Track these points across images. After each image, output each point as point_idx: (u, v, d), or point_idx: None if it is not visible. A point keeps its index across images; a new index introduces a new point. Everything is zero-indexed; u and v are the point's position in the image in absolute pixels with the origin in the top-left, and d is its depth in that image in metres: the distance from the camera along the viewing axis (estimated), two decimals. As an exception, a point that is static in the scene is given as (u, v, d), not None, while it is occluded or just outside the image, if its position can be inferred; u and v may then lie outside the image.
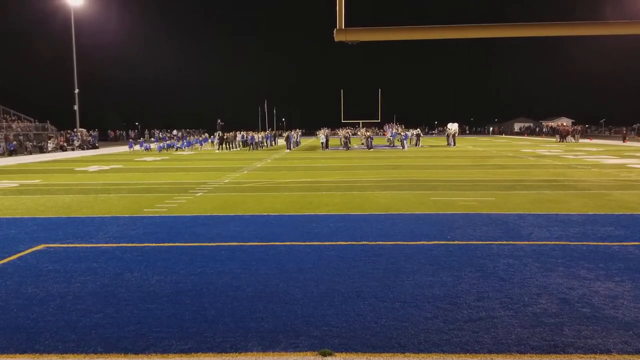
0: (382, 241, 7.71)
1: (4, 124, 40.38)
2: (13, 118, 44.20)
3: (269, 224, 9.15)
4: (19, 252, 7.32)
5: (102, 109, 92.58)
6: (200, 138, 46.73)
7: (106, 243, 7.82)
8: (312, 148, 40.05)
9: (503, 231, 8.33)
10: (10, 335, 4.47)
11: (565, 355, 3.99)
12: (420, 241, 7.69)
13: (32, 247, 7.56)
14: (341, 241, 7.73)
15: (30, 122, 44.88)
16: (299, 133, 50.27)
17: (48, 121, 45.27)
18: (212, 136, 49.84)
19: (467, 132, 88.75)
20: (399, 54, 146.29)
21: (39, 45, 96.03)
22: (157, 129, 71.86)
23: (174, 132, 69.63)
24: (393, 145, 41.59)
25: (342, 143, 39.05)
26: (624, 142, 43.60)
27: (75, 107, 46.60)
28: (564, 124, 67.17)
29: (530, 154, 29.07)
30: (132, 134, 67.02)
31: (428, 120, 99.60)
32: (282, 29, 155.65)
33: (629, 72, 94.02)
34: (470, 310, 4.92)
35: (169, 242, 7.82)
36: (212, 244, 7.71)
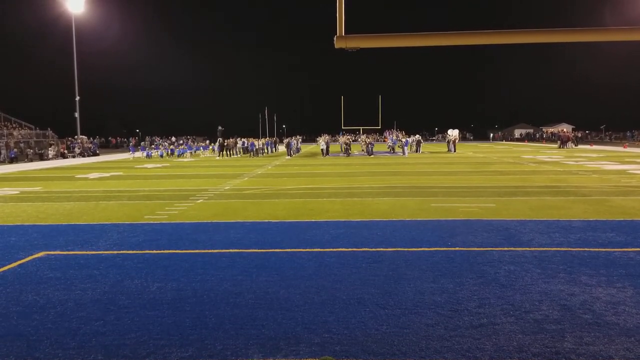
0: (383, 248, 7.70)
1: (5, 132, 40.46)
2: (14, 125, 44.31)
3: (269, 230, 9.15)
4: (20, 259, 7.32)
5: (103, 116, 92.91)
6: (203, 145, 46.80)
7: (107, 250, 7.82)
8: (313, 154, 40.09)
9: (504, 237, 8.32)
10: (11, 343, 4.46)
11: (567, 362, 3.97)
12: (421, 247, 7.68)
13: (32, 255, 7.56)
14: (342, 248, 7.73)
15: (31, 129, 44.96)
16: (299, 140, 50.32)
17: (49, 128, 45.39)
18: (212, 144, 49.91)
19: (471, 137, 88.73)
20: (399, 60, 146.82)
21: (40, 53, 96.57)
22: (158, 136, 72.01)
23: (173, 139, 69.77)
24: (394, 152, 41.63)
25: (343, 149, 39.07)
26: None
27: (76, 115, 46.72)
28: (565, 130, 67.09)
29: (530, 160, 29.08)
30: (132, 140, 67.15)
31: (428, 126, 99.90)
32: (282, 36, 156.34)
33: (630, 78, 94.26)
34: (472, 316, 4.91)
35: (169, 249, 7.82)
36: (212, 250, 7.71)
